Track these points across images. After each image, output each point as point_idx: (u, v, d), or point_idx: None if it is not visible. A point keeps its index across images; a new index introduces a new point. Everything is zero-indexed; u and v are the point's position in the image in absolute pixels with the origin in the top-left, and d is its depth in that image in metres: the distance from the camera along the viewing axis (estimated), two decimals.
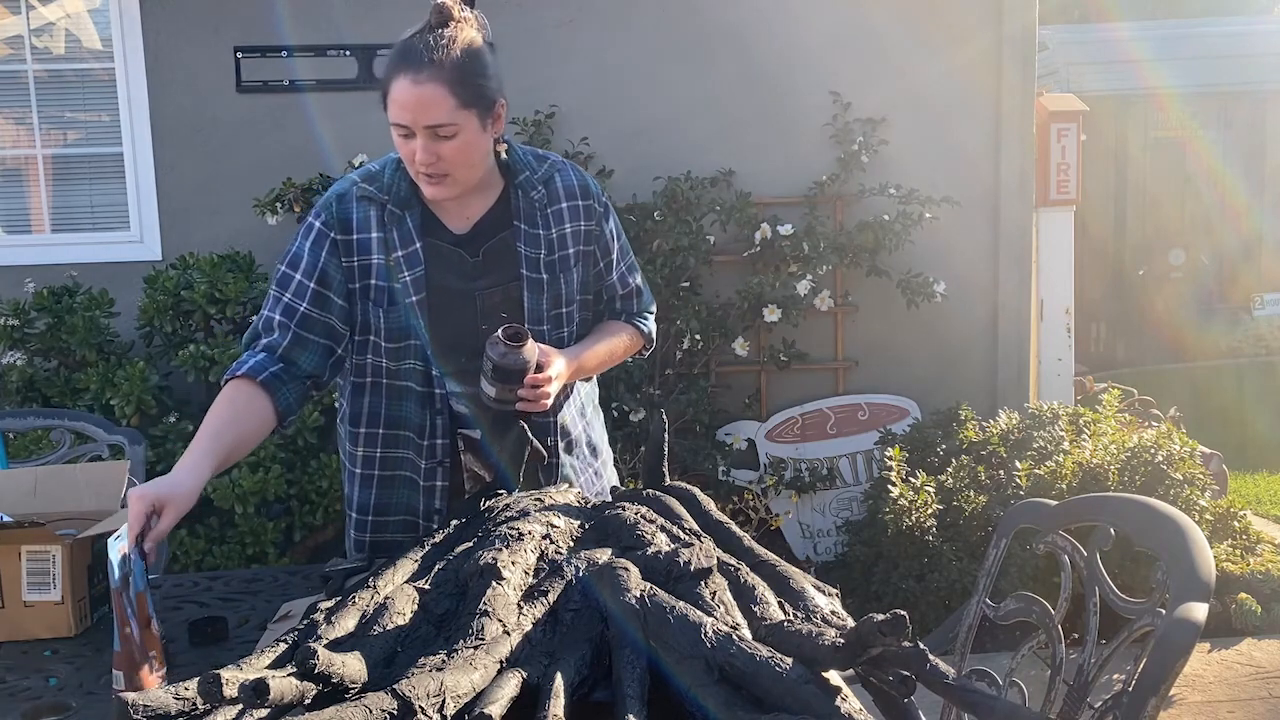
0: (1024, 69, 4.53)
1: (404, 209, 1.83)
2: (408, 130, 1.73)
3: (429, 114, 1.71)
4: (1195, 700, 3.26)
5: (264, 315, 1.84)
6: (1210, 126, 7.98)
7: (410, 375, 1.86)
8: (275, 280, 1.85)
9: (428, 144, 1.73)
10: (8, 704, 1.50)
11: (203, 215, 4.26)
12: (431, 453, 1.88)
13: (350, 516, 1.99)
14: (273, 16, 4.20)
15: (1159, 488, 3.57)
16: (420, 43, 1.74)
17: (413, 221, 1.83)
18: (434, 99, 1.70)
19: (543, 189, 1.90)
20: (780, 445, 4.43)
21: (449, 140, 1.73)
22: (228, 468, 1.81)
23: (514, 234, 1.87)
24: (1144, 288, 8.02)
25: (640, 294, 2.08)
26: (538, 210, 1.89)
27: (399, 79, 1.72)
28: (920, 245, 4.35)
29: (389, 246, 1.82)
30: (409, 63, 1.72)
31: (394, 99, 1.73)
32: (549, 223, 1.89)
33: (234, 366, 1.78)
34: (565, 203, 1.91)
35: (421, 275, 1.82)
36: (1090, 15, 10.08)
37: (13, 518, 1.83)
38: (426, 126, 1.71)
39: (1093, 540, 1.59)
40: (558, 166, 1.94)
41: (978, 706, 1.08)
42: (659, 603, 1.14)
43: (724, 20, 4.40)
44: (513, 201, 1.88)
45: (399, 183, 1.84)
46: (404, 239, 1.83)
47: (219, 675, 0.95)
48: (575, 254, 1.92)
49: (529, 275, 1.87)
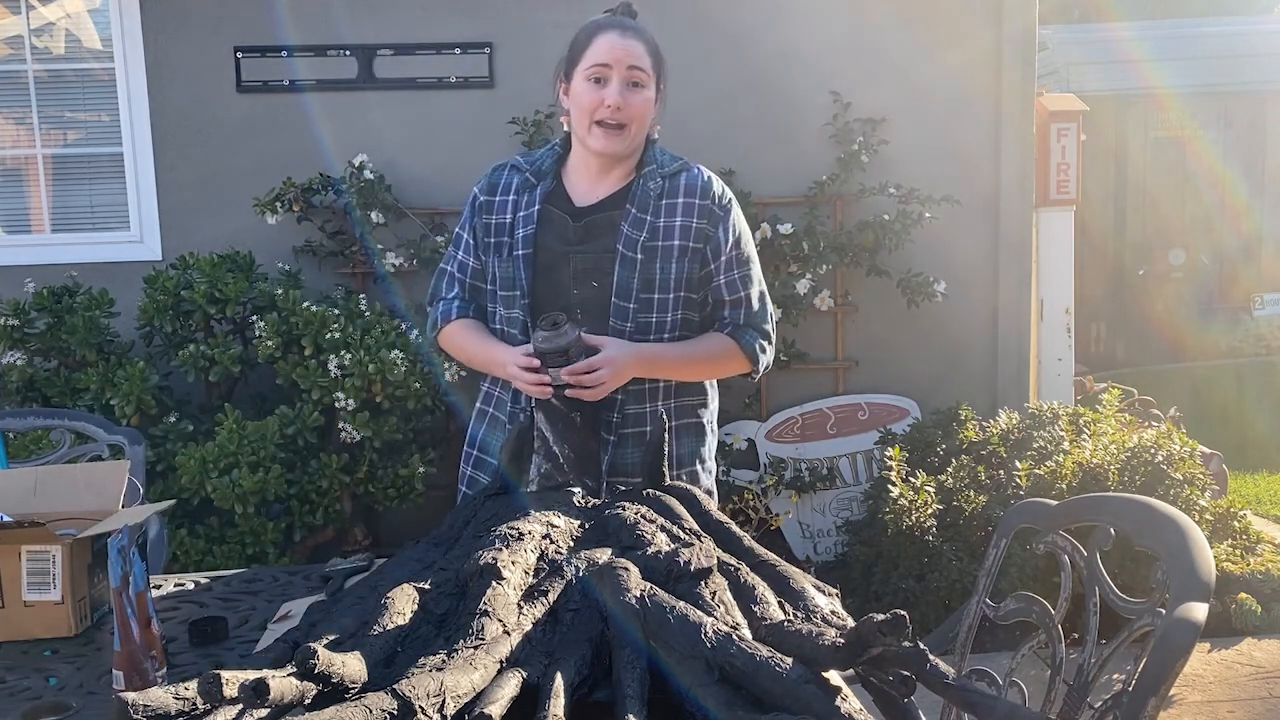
0: (1024, 69, 4.53)
1: (539, 179, 2.07)
2: (605, 73, 1.96)
3: (632, 57, 1.95)
4: (1195, 700, 3.26)
5: (442, 270, 2.18)
6: (1210, 126, 7.98)
7: (515, 324, 2.05)
8: (452, 241, 2.20)
9: (621, 89, 1.95)
10: (8, 704, 1.50)
11: (203, 215, 4.26)
12: (517, 399, 2.07)
13: (466, 452, 2.20)
14: (273, 16, 4.20)
15: (1159, 488, 3.57)
16: (620, 15, 2.03)
17: (543, 189, 2.06)
18: (637, 49, 1.97)
19: (664, 182, 2.05)
20: (780, 445, 4.43)
21: (640, 90, 1.97)
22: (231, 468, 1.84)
23: (623, 215, 2.03)
24: (1144, 288, 8.02)
25: (748, 305, 2.10)
26: (652, 199, 2.04)
27: (604, 34, 1.98)
28: (920, 245, 4.35)
29: (518, 208, 2.06)
30: (615, 25, 1.99)
31: (597, 46, 1.97)
32: (660, 212, 2.03)
33: (441, 317, 2.14)
34: (682, 198, 2.05)
35: (532, 233, 2.03)
36: (1090, 15, 10.07)
37: (13, 518, 1.83)
38: (629, 68, 1.95)
39: (1093, 540, 1.59)
40: (688, 166, 2.10)
41: (978, 706, 1.08)
42: (659, 603, 1.14)
43: (724, 20, 4.40)
44: (633, 188, 2.04)
45: (545, 158, 2.09)
46: (529, 202, 2.06)
47: (219, 675, 0.95)
48: (681, 247, 2.02)
49: (624, 252, 2.00)
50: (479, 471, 2.15)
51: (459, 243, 2.16)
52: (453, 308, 2.14)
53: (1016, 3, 4.50)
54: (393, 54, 4.26)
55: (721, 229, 2.05)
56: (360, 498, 3.87)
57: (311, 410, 3.69)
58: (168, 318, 3.80)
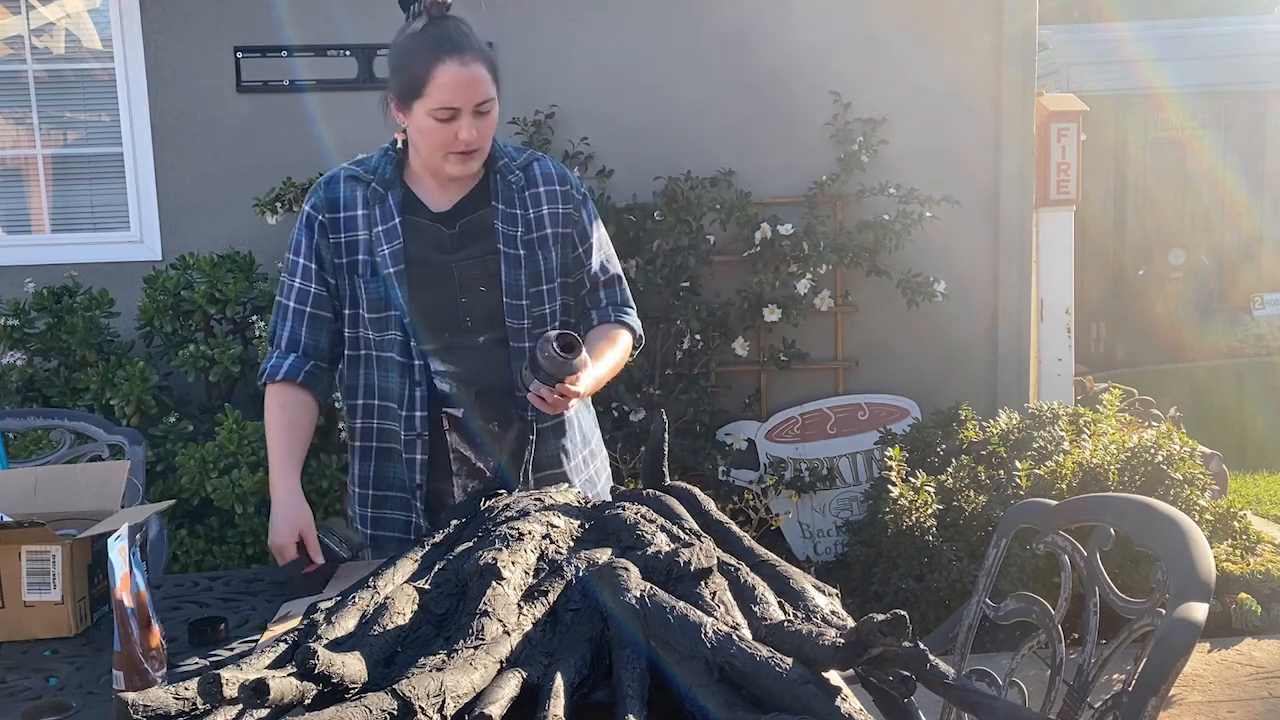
0: (1024, 69, 4.53)
1: (386, 189, 1.93)
2: (454, 112, 1.81)
3: (480, 91, 1.81)
4: (1195, 700, 3.26)
5: (279, 304, 1.98)
6: (1210, 126, 7.97)
7: (391, 346, 1.94)
8: (285, 269, 1.98)
9: (473, 122, 1.82)
10: (8, 704, 1.50)
11: (203, 215, 4.26)
12: (410, 424, 1.95)
13: (353, 492, 2.07)
14: (273, 16, 4.20)
15: (1159, 488, 3.57)
16: (451, 30, 1.83)
17: (394, 200, 1.93)
18: (481, 77, 1.82)
19: (521, 174, 1.98)
20: (780, 445, 4.43)
21: (487, 116, 1.85)
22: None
23: (491, 212, 1.95)
24: (1144, 288, 8.01)
25: (621, 282, 2.12)
26: (515, 192, 1.97)
27: (446, 64, 1.79)
28: (920, 245, 4.35)
29: (371, 222, 1.92)
30: (452, 48, 1.80)
31: (442, 83, 1.80)
32: (526, 204, 1.98)
33: (270, 371, 1.96)
34: (543, 187, 1.99)
35: (400, 248, 1.91)
36: (1090, 15, 10.07)
37: (13, 518, 1.83)
38: (477, 104, 1.82)
39: (1093, 540, 1.58)
40: (536, 156, 2.03)
41: (978, 706, 1.08)
42: (659, 603, 1.14)
43: (724, 20, 4.40)
44: (491, 184, 1.97)
45: (384, 166, 1.95)
46: (384, 215, 1.92)
47: (219, 675, 0.95)
48: (553, 235, 1.99)
49: (505, 250, 1.94)
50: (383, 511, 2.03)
51: (295, 269, 1.95)
52: (283, 364, 1.96)
53: (1016, 3, 4.50)
54: None
55: (584, 212, 2.04)
56: None
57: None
58: (168, 318, 3.80)
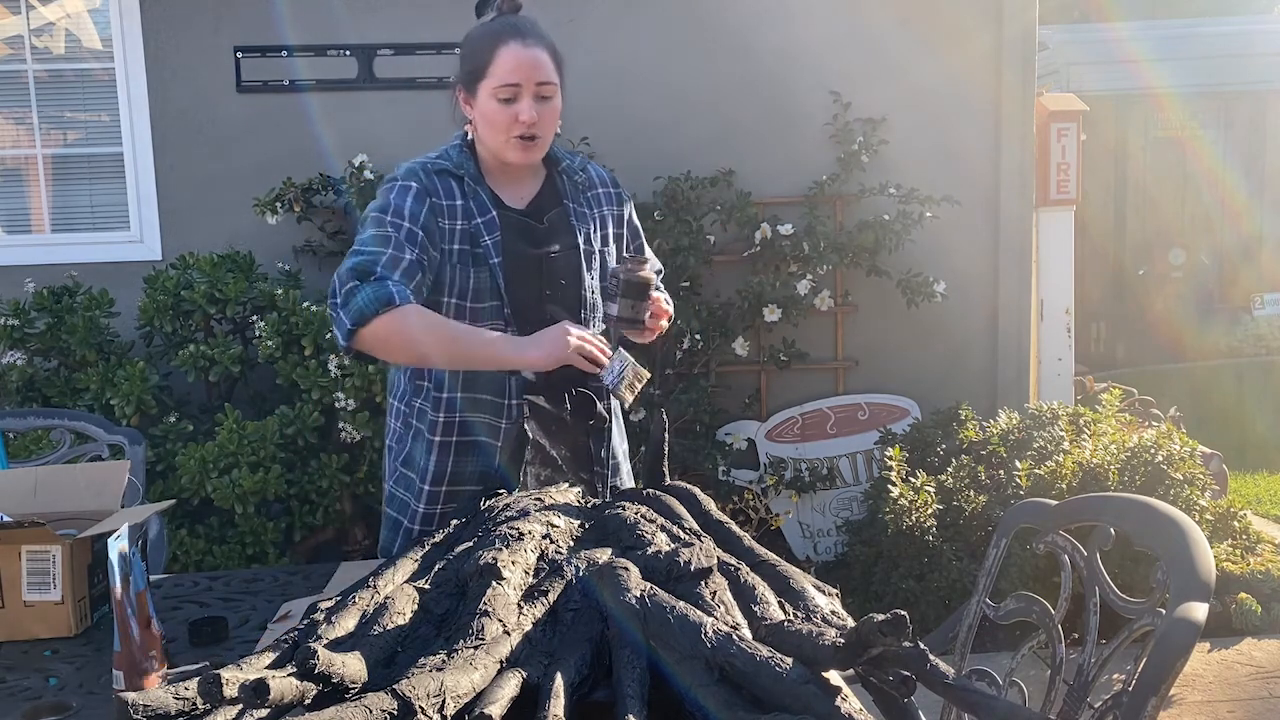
0: (1024, 69, 4.53)
1: (476, 183, 1.97)
2: (516, 91, 1.88)
3: (540, 72, 1.89)
4: (1195, 700, 3.26)
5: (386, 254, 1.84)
6: (1210, 126, 7.97)
7: None
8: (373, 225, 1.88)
9: (533, 104, 1.89)
10: (8, 704, 1.50)
11: (203, 215, 4.26)
12: (508, 413, 1.97)
13: (422, 490, 1.99)
14: (273, 16, 4.20)
15: (1159, 488, 3.57)
16: (517, 19, 1.92)
17: (485, 194, 1.97)
18: (543, 60, 1.90)
19: (582, 174, 2.08)
20: (780, 445, 4.43)
21: (549, 101, 1.92)
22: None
23: (565, 210, 2.03)
24: (1144, 288, 8.01)
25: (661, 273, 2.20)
26: (581, 192, 2.06)
27: (508, 44, 1.88)
28: (920, 245, 4.34)
29: (469, 214, 1.94)
30: (515, 31, 1.89)
31: (503, 62, 1.87)
32: (590, 205, 2.07)
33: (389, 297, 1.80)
34: (600, 189, 2.10)
35: (499, 240, 1.95)
36: (1090, 15, 10.06)
37: (13, 518, 1.83)
38: (538, 83, 1.89)
39: (1093, 540, 1.58)
40: (586, 160, 2.13)
41: (978, 706, 1.08)
42: (659, 603, 1.14)
43: (724, 20, 4.40)
44: (558, 184, 2.05)
45: (467, 161, 1.98)
46: (481, 208, 1.96)
47: (219, 675, 0.94)
48: (616, 235, 2.10)
49: (584, 246, 2.02)
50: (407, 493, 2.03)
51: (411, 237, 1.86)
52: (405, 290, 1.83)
53: (1016, 3, 4.50)
54: (393, 54, 4.26)
55: (630, 211, 2.15)
56: (360, 498, 3.86)
57: (311, 410, 3.69)
58: (168, 318, 3.80)
